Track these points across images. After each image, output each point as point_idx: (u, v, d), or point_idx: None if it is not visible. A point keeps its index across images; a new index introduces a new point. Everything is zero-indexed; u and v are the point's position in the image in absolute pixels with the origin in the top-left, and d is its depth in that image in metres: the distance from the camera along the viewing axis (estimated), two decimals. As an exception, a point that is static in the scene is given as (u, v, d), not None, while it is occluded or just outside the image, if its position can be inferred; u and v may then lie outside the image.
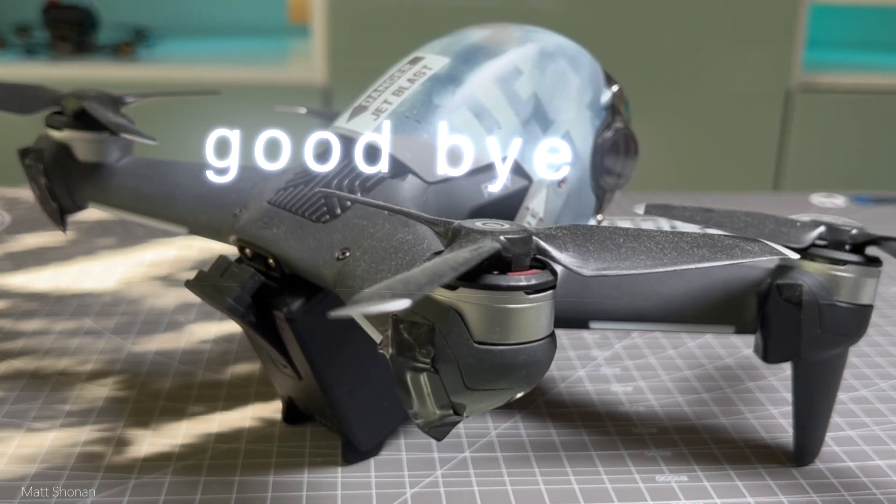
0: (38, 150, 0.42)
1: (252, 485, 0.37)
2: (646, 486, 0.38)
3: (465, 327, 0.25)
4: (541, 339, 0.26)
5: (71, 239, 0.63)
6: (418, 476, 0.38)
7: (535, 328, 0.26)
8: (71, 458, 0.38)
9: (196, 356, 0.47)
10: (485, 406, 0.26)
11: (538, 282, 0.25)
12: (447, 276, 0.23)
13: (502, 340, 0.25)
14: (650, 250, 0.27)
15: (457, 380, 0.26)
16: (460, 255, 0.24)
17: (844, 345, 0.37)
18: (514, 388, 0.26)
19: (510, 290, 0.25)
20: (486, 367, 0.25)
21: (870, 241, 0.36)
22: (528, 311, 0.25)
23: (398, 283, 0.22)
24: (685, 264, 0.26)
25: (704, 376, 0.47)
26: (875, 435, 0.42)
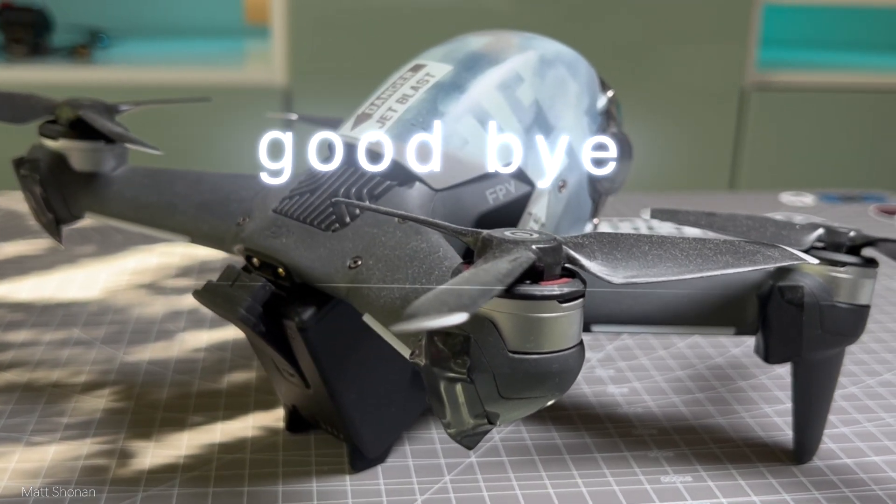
0: (33, 160, 0.41)
1: (261, 495, 0.37)
2: (652, 487, 0.38)
3: (499, 337, 0.25)
4: (572, 347, 0.26)
5: (50, 247, 0.62)
6: (427, 482, 0.38)
7: (568, 336, 0.26)
8: (75, 471, 0.38)
9: (190, 365, 0.47)
10: (518, 414, 0.27)
11: (570, 290, 0.26)
12: (496, 289, 0.23)
13: (536, 349, 0.26)
14: (676, 257, 0.27)
15: (492, 389, 0.26)
16: (502, 267, 0.24)
17: (843, 344, 0.38)
18: (546, 396, 0.26)
19: (544, 299, 0.25)
20: (521, 376, 0.26)
21: (867, 242, 0.37)
22: (561, 319, 0.26)
23: (449, 296, 0.22)
24: (711, 271, 0.27)
25: (697, 376, 0.48)
26: (868, 431, 0.43)
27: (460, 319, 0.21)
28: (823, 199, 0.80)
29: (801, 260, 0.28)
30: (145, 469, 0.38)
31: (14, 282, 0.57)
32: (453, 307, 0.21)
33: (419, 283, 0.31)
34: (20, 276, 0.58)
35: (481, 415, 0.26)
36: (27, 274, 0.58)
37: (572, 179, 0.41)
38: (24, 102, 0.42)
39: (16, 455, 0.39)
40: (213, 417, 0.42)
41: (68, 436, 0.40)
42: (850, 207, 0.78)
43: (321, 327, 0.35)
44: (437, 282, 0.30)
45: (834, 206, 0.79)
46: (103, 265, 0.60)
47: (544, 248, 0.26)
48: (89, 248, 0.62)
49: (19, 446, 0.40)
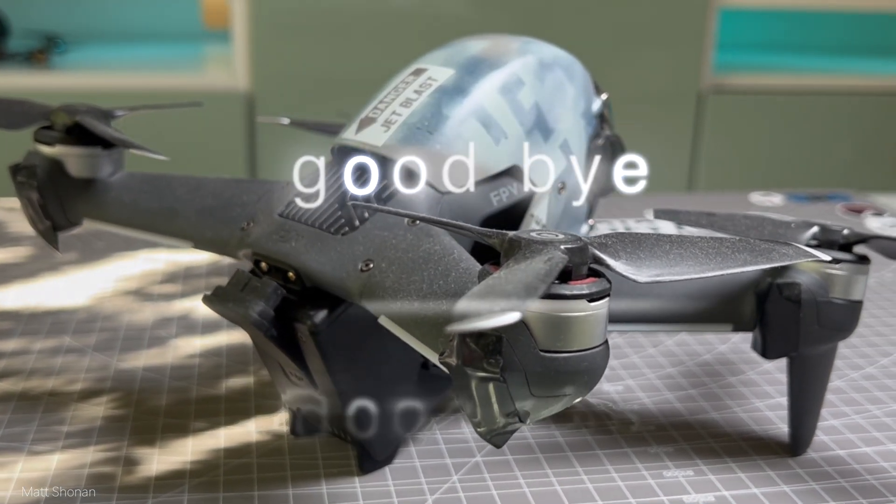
0: (30, 167, 0.41)
1: (272, 499, 0.37)
2: (655, 481, 0.39)
3: (531, 336, 0.26)
4: (600, 344, 0.27)
5: (31, 255, 0.62)
6: (436, 482, 0.38)
7: (596, 334, 0.27)
8: (81, 479, 0.38)
9: (186, 371, 0.47)
10: (547, 412, 0.27)
11: (599, 289, 0.26)
12: (540, 288, 0.23)
13: (567, 348, 0.26)
14: (696, 256, 0.28)
15: (523, 388, 0.26)
16: (539, 267, 0.24)
17: (838, 339, 0.39)
18: (575, 393, 0.27)
19: (574, 298, 0.26)
20: (552, 375, 0.26)
21: (860, 240, 0.38)
22: (590, 318, 0.26)
23: (497, 296, 0.23)
24: (730, 269, 0.28)
25: (688, 373, 0.49)
26: (857, 423, 0.44)
27: (513, 319, 0.22)
28: (791, 199, 0.82)
29: (814, 257, 0.29)
30: (152, 476, 0.38)
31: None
32: (505, 307, 0.22)
33: (436, 284, 0.31)
34: (3, 283, 0.57)
35: (512, 413, 0.27)
36: (10, 282, 0.57)
37: (571, 181, 0.41)
38: (19, 108, 0.42)
39: (19, 464, 0.39)
40: (215, 423, 0.42)
41: (70, 444, 0.40)
42: (817, 207, 0.80)
43: (332, 330, 0.35)
44: (454, 283, 0.31)
45: (802, 206, 0.80)
46: (87, 272, 0.59)
47: (572, 249, 0.26)
48: (71, 255, 0.61)
49: (21, 455, 0.39)
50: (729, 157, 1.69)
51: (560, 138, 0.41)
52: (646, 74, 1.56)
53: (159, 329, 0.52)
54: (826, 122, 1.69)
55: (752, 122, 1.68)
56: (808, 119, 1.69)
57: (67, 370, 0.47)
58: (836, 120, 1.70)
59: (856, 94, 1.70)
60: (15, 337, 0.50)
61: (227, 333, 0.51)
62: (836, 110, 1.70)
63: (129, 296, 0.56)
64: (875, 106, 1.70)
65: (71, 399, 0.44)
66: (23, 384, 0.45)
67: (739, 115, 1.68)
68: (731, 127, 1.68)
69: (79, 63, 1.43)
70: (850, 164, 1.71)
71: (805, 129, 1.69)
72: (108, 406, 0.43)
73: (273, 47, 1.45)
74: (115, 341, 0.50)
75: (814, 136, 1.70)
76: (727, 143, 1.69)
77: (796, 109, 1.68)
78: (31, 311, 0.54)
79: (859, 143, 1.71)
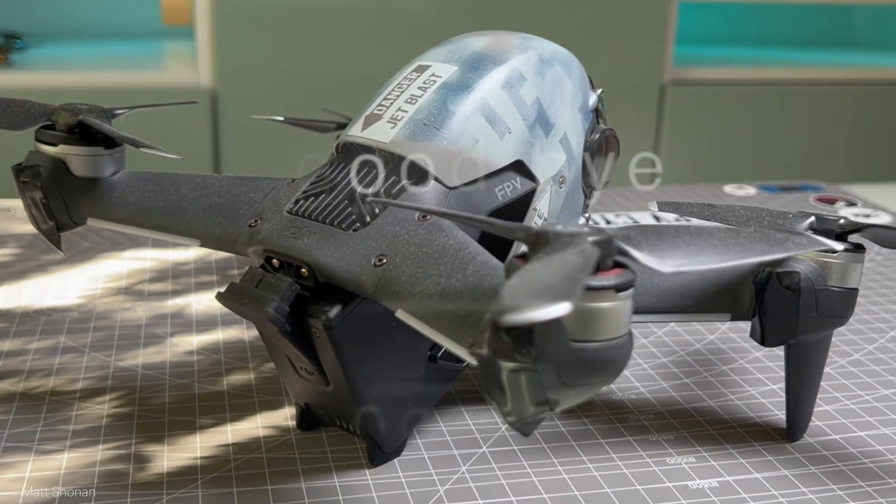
0: (33, 167, 0.41)
1: (286, 493, 0.37)
2: (659, 468, 0.40)
3: (561, 327, 0.27)
4: (626, 334, 0.28)
5: (17, 254, 0.61)
6: (446, 473, 0.39)
7: (623, 324, 0.27)
8: (93, 478, 0.38)
9: (186, 368, 0.47)
10: (576, 400, 0.28)
11: (625, 280, 0.27)
12: (581, 280, 0.24)
13: (596, 337, 0.27)
14: (715, 246, 0.28)
15: (553, 378, 0.27)
16: (575, 259, 0.25)
17: (835, 326, 0.40)
18: (602, 381, 0.28)
19: (603, 289, 0.27)
20: (582, 364, 0.27)
21: (855, 229, 0.40)
22: (618, 308, 0.27)
23: (542, 289, 0.23)
24: (750, 258, 0.28)
25: (680, 362, 0.50)
26: (849, 409, 0.45)
27: (565, 311, 0.22)
28: (764, 190, 0.83)
29: (826, 246, 0.30)
30: (164, 472, 0.38)
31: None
32: (554, 298, 0.22)
33: (454, 279, 0.32)
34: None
35: (542, 402, 0.27)
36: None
37: (570, 175, 0.42)
38: (20, 108, 0.42)
39: (28, 464, 0.39)
40: (221, 419, 0.42)
41: (78, 443, 0.40)
42: (790, 197, 0.82)
43: (346, 325, 0.36)
44: (473, 277, 0.31)
45: (776, 197, 0.82)
46: (75, 272, 0.59)
47: (598, 241, 0.27)
48: (57, 255, 0.61)
49: (30, 455, 0.39)
50: (691, 150, 1.71)
51: (560, 133, 0.41)
52: (608, 68, 1.57)
53: (154, 327, 0.52)
54: (787, 112, 1.72)
55: (712, 114, 1.71)
56: (766, 110, 1.72)
57: (67, 370, 0.46)
58: (798, 110, 1.73)
59: (813, 84, 1.73)
60: (9, 337, 0.50)
61: (223, 330, 0.51)
62: (796, 101, 1.72)
63: (121, 295, 0.56)
64: (831, 96, 1.73)
65: (73, 398, 0.44)
66: (23, 384, 0.45)
67: (700, 108, 1.70)
68: (692, 119, 1.70)
69: (39, 61, 1.42)
70: (809, 153, 1.74)
71: (764, 121, 1.72)
72: (112, 405, 0.43)
73: (236, 43, 1.44)
74: (111, 340, 0.50)
75: (773, 126, 1.73)
76: (689, 135, 1.71)
77: (755, 101, 1.71)
78: (23, 310, 0.53)
79: (816, 133, 1.74)
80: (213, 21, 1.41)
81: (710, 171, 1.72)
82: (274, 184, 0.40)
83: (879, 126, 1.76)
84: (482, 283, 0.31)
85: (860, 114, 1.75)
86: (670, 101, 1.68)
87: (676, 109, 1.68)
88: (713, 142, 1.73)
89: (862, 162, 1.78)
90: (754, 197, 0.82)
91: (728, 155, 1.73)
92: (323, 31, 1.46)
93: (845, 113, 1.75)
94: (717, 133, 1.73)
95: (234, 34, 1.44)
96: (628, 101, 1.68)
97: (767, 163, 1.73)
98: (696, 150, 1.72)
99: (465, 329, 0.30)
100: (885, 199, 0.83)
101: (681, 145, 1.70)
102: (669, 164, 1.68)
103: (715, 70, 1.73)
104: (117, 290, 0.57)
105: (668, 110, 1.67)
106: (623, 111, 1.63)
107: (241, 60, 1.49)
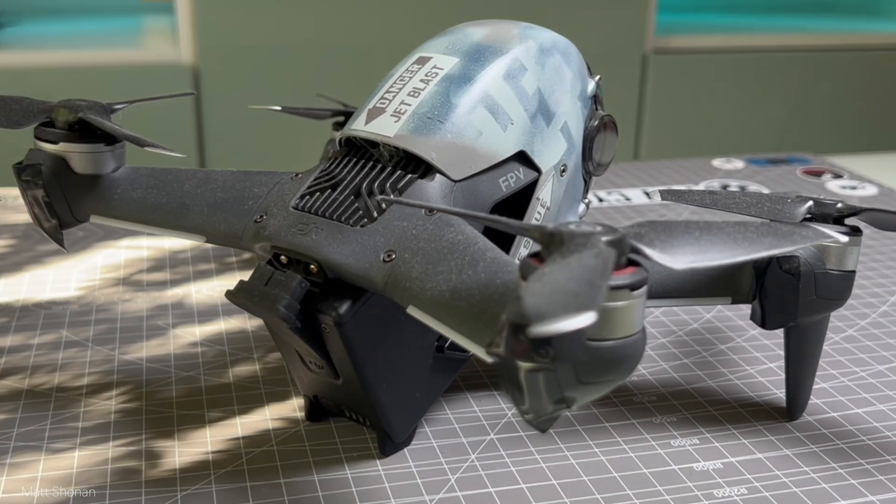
0: (34, 165, 0.41)
1: (299, 485, 0.38)
2: (664, 451, 0.41)
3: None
4: (640, 331, 0.28)
5: (11, 245, 0.61)
6: (455, 461, 0.39)
7: (638, 321, 0.28)
8: (106, 476, 0.38)
9: (191, 360, 0.47)
10: (592, 396, 0.28)
11: (639, 279, 0.27)
12: (603, 286, 0.24)
13: (612, 336, 0.27)
14: (725, 241, 0.29)
15: (571, 376, 0.27)
16: (594, 264, 0.25)
17: (834, 308, 0.41)
18: (619, 378, 0.28)
19: (618, 288, 0.27)
20: (599, 362, 0.27)
21: (853, 212, 0.40)
22: (633, 306, 0.27)
23: (565, 297, 0.23)
24: (759, 252, 0.29)
25: (679, 342, 0.50)
26: (845, 385, 0.46)
27: (591, 320, 0.23)
28: (752, 163, 0.84)
29: (831, 237, 0.31)
30: (176, 468, 0.39)
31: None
32: (579, 307, 0.23)
33: (465, 275, 0.32)
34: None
35: (560, 400, 0.28)
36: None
37: (571, 163, 0.42)
38: (18, 106, 0.42)
39: (40, 463, 0.39)
40: (229, 412, 0.43)
41: (88, 440, 0.40)
42: (777, 170, 0.82)
43: (356, 320, 0.36)
44: (484, 273, 0.31)
45: (763, 170, 0.82)
46: (71, 263, 0.59)
47: (612, 241, 0.27)
48: (53, 245, 0.61)
49: (41, 454, 0.39)
50: (675, 121, 1.71)
51: (561, 121, 0.42)
52: (588, 37, 1.57)
53: (156, 318, 0.52)
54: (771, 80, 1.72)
55: (696, 83, 1.71)
56: (752, 78, 1.72)
57: (71, 365, 0.47)
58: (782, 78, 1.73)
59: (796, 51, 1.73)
60: (11, 333, 0.50)
61: (225, 320, 0.52)
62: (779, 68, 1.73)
63: (119, 286, 0.56)
64: (814, 63, 1.74)
65: (80, 394, 0.44)
66: (28, 381, 0.45)
67: (683, 78, 1.70)
68: (675, 89, 1.71)
69: (16, 40, 1.40)
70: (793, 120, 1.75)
71: (746, 89, 1.73)
72: (119, 400, 0.44)
73: (217, 17, 1.43)
74: (114, 333, 0.50)
75: (758, 94, 1.73)
76: (673, 106, 1.71)
77: (740, 69, 1.71)
78: (22, 304, 0.53)
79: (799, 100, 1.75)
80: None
81: (695, 141, 1.72)
82: (278, 178, 0.40)
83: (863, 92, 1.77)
84: (494, 279, 0.31)
85: (846, 80, 1.76)
86: (653, 71, 1.68)
87: (659, 79, 1.68)
88: (698, 112, 1.73)
89: (846, 128, 1.79)
90: (742, 170, 0.82)
91: (713, 125, 1.73)
92: (305, 1, 1.45)
93: (829, 79, 1.76)
94: (701, 103, 1.73)
95: (215, 8, 1.43)
96: (609, 71, 1.67)
97: (753, 131, 1.74)
98: (680, 121, 1.73)
99: (480, 326, 0.30)
100: (870, 171, 0.83)
101: (665, 116, 1.70)
102: (654, 137, 1.69)
103: (697, 38, 1.73)
104: (116, 281, 0.57)
105: (650, 80, 1.67)
106: (605, 82, 1.62)
107: (223, 35, 1.48)
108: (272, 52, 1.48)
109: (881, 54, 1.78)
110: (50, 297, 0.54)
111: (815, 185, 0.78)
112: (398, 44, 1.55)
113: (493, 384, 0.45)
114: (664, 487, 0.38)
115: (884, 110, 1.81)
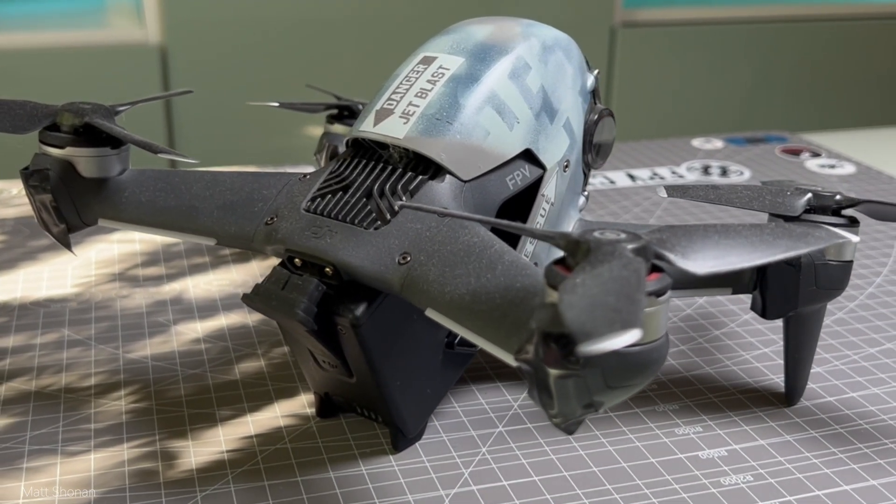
0: (42, 170, 0.41)
1: (317, 483, 0.38)
2: (669, 440, 0.42)
3: None
4: (664, 335, 0.29)
5: (2, 241, 0.61)
6: (467, 455, 0.40)
7: (662, 326, 0.29)
8: (124, 478, 0.38)
9: (196, 358, 0.48)
10: (618, 400, 0.29)
11: (664, 285, 0.28)
12: (641, 299, 0.25)
13: (638, 341, 0.28)
14: (743, 245, 0.30)
15: (600, 381, 0.28)
16: (626, 275, 0.26)
17: (833, 297, 0.42)
18: (644, 381, 0.29)
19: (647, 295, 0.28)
20: (626, 367, 0.28)
21: (851, 204, 0.41)
22: (658, 311, 0.28)
23: (606, 313, 0.24)
24: (776, 255, 0.30)
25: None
26: (839, 370, 0.48)
27: (637, 337, 0.23)
28: (731, 143, 0.85)
29: (844, 238, 0.32)
30: (193, 468, 0.39)
31: (-24, 282, 0.56)
32: (624, 325, 0.23)
33: (484, 278, 0.32)
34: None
35: (588, 405, 0.29)
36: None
37: (573, 158, 0.43)
38: (22, 110, 0.41)
39: (56, 467, 0.39)
40: (239, 410, 0.43)
41: (103, 442, 0.41)
42: (756, 149, 0.84)
43: (372, 322, 0.36)
44: (503, 276, 0.32)
45: (742, 149, 0.84)
46: (65, 259, 0.59)
47: (637, 248, 0.28)
48: (44, 241, 0.61)
49: (57, 458, 0.40)
50: (646, 97, 1.72)
51: (563, 118, 0.42)
52: (555, 9, 1.57)
53: (156, 315, 0.52)
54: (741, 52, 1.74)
55: (666, 57, 1.72)
56: (719, 50, 1.73)
57: (77, 365, 0.47)
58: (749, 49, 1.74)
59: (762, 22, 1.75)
60: (12, 332, 0.50)
61: (226, 315, 0.52)
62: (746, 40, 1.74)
63: (115, 281, 0.56)
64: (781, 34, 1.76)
65: (89, 395, 0.44)
66: (36, 382, 0.45)
67: (653, 51, 1.71)
68: (645, 64, 1.71)
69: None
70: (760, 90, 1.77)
71: (717, 62, 1.74)
72: (129, 400, 0.44)
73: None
74: (115, 331, 0.50)
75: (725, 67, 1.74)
76: (644, 81, 1.72)
77: (707, 41, 1.72)
78: (20, 302, 0.53)
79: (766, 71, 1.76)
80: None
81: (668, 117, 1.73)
82: (286, 179, 0.41)
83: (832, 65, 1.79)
84: (514, 283, 0.32)
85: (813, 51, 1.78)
86: (621, 45, 1.69)
87: (628, 54, 1.69)
88: (668, 86, 1.74)
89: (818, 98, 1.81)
90: (721, 150, 0.83)
91: (685, 99, 1.75)
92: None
93: (796, 50, 1.77)
94: (671, 77, 1.74)
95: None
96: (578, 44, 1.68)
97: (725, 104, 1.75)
98: (651, 97, 1.73)
99: (503, 331, 0.31)
100: (847, 149, 0.85)
101: (635, 92, 1.71)
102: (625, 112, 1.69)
103: (665, 11, 1.74)
104: (112, 277, 0.56)
105: (619, 55, 1.68)
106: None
107: (191, 11, 1.46)
108: (244, 26, 1.46)
109: (851, 24, 1.80)
110: (47, 295, 0.54)
111: (794, 164, 0.80)
112: (369, 18, 1.55)
113: (497, 376, 0.46)
114: (672, 476, 0.39)
115: (858, 84, 1.83)
